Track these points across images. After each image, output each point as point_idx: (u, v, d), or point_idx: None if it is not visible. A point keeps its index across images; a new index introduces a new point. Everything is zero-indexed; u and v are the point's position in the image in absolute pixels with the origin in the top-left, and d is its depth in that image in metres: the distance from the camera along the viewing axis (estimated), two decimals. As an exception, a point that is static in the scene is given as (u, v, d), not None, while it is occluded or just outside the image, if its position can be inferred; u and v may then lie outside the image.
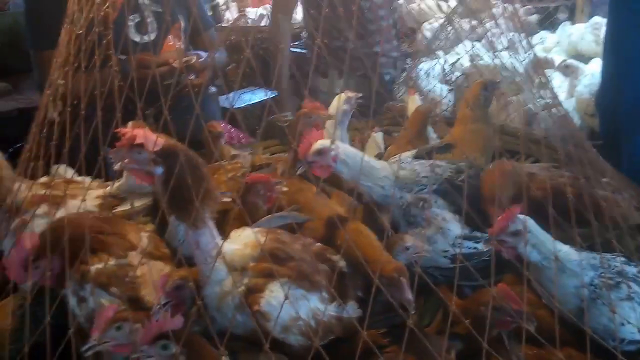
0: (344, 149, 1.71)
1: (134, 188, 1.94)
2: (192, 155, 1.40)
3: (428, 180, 1.83)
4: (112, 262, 1.52)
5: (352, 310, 1.48)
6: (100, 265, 1.49)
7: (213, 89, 3.35)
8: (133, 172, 1.38)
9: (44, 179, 1.81)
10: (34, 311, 1.40)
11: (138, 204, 1.93)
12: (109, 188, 1.91)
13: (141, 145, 1.32)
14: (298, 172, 1.80)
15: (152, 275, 1.46)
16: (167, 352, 1.21)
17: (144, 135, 1.33)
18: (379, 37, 3.36)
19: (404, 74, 3.54)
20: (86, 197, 1.71)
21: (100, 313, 1.33)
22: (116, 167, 1.37)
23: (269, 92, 3.43)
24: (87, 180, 1.86)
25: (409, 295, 1.39)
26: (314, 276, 1.44)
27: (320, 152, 1.67)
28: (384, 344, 1.42)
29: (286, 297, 1.30)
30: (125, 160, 1.34)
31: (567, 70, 3.49)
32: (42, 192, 1.69)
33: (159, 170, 1.34)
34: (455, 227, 1.74)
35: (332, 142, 1.67)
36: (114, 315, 1.32)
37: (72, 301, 1.47)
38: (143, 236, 1.67)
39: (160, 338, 1.21)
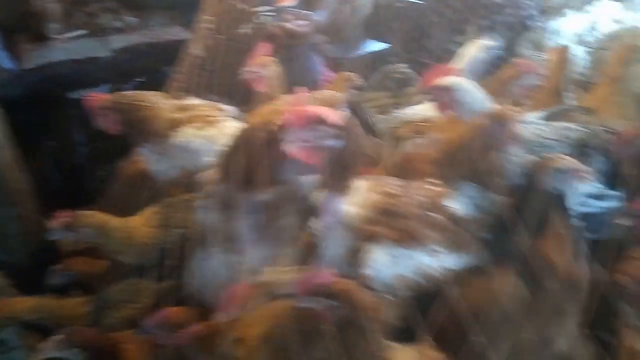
0: (470, 93, 1.66)
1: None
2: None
3: (555, 143, 1.74)
4: None
5: (467, 259, 1.46)
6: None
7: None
8: (303, 150, 1.31)
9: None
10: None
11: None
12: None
13: (321, 121, 1.29)
14: None
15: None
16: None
17: (327, 112, 1.30)
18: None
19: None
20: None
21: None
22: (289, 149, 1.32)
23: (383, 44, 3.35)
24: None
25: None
26: (421, 232, 1.43)
27: (444, 89, 1.64)
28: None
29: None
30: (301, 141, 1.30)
31: None
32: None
33: (337, 143, 1.31)
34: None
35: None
36: None
37: None
38: None
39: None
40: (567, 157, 1.53)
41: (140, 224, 1.63)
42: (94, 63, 3.20)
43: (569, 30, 3.06)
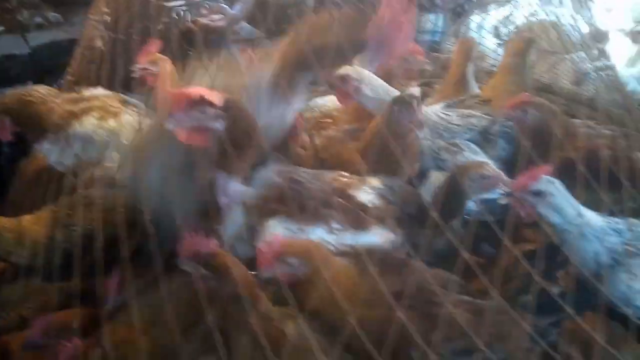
0: (369, 81, 1.70)
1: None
2: (245, 107, 1.42)
3: (461, 128, 1.80)
4: None
5: (372, 237, 1.51)
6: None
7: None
8: (189, 131, 1.33)
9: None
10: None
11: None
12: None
13: (207, 103, 1.30)
14: None
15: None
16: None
17: (207, 93, 1.31)
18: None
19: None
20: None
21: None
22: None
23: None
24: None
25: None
26: (317, 210, 1.48)
27: (343, 79, 1.67)
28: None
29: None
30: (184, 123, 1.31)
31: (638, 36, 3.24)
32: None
33: (221, 125, 1.33)
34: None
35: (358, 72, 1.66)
36: None
37: None
38: None
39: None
40: (490, 165, 1.58)
41: (33, 223, 1.58)
42: (12, 60, 3.08)
43: (488, 23, 3.17)
